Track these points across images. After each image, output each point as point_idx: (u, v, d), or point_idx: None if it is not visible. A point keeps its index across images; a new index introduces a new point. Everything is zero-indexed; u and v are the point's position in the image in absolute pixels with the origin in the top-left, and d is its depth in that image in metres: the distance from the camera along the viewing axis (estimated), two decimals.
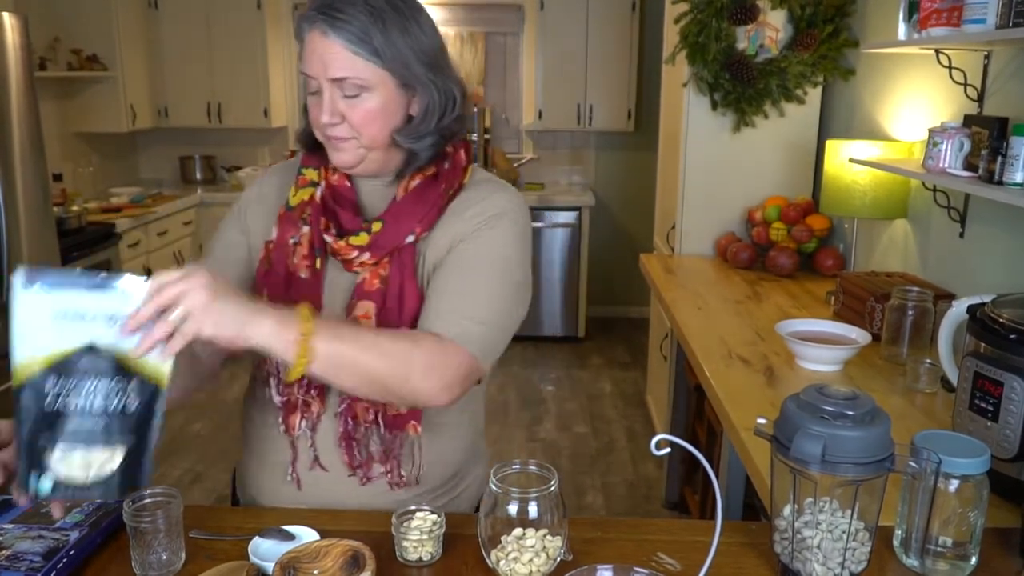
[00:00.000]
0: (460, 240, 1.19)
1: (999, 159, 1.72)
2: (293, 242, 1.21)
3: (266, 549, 1.06)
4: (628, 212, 5.58)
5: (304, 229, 1.21)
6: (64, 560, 1.04)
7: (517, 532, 1.02)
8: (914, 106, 2.45)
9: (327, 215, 1.21)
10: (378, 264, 1.18)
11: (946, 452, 1.02)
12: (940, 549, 1.06)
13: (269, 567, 0.98)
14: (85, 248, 3.81)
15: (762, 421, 1.05)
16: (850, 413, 0.98)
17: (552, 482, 1.02)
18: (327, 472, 1.23)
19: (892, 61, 2.58)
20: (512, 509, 1.02)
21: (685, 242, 3.21)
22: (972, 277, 2.09)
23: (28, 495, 0.93)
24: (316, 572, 0.97)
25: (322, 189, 1.23)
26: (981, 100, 2.06)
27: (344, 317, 1.17)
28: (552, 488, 1.02)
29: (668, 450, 0.96)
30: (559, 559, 1.04)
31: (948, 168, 1.95)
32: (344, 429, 1.20)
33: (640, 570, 0.92)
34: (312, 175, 1.25)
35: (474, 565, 1.07)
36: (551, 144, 5.54)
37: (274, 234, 1.23)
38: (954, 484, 1.04)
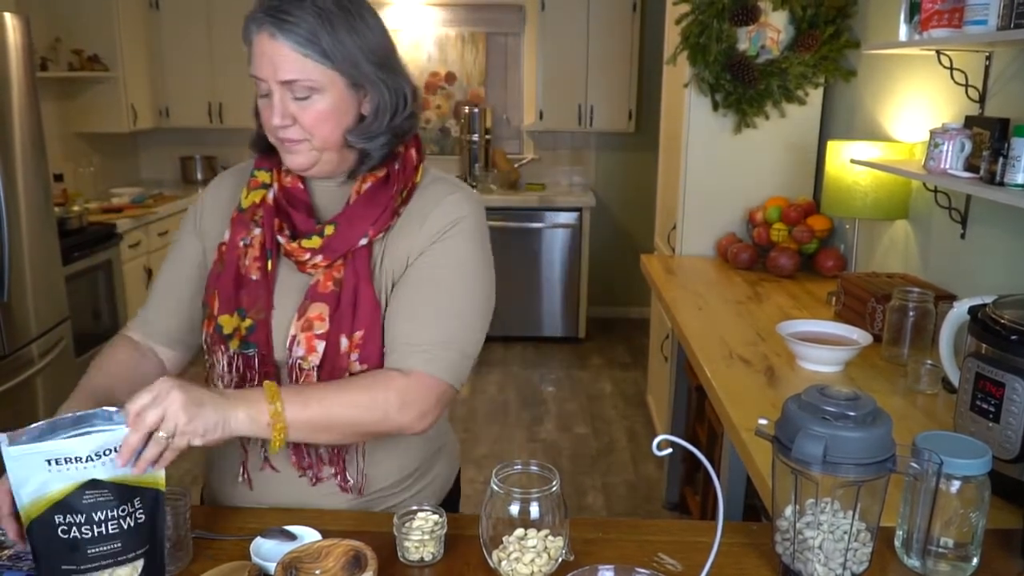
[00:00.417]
0: (419, 253, 1.20)
1: (1000, 160, 1.72)
2: (244, 244, 1.22)
3: (268, 549, 1.06)
4: (629, 213, 5.58)
5: (255, 231, 1.22)
6: None
7: (519, 532, 1.02)
8: (915, 107, 2.45)
9: (280, 216, 1.21)
10: (331, 266, 1.18)
11: (947, 453, 1.02)
12: (941, 550, 1.06)
13: (271, 567, 0.98)
14: (86, 249, 3.81)
15: (763, 422, 1.05)
16: (851, 414, 0.98)
17: (554, 483, 1.02)
18: (278, 472, 1.24)
19: (893, 62, 2.58)
20: (514, 509, 1.02)
21: (686, 242, 3.21)
22: (973, 278, 2.09)
23: None
24: (318, 572, 0.97)
25: (275, 191, 1.23)
26: (982, 101, 2.06)
27: (296, 318, 1.18)
28: (554, 488, 1.02)
29: (670, 450, 0.96)
30: (560, 559, 1.04)
31: (949, 169, 1.95)
32: None
33: (641, 571, 0.92)
34: (264, 177, 1.25)
35: (476, 565, 1.07)
36: (552, 144, 5.54)
37: (227, 236, 1.24)
38: (955, 485, 1.04)
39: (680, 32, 2.95)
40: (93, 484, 0.91)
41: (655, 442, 0.96)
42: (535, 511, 1.02)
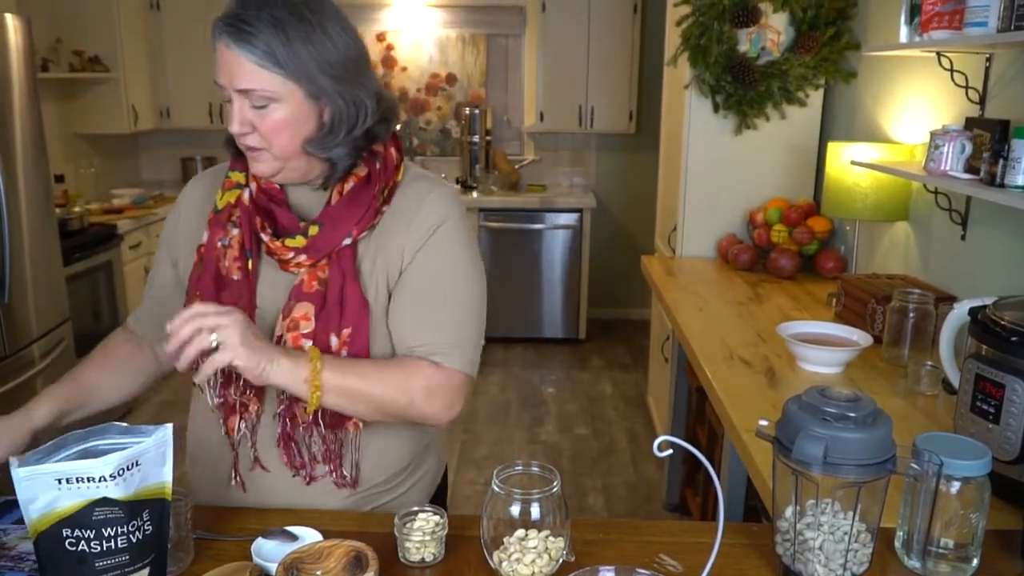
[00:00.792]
0: (411, 255, 1.21)
1: (1000, 162, 1.72)
2: (222, 244, 1.22)
3: (269, 550, 1.06)
4: (629, 214, 5.58)
5: (233, 231, 1.22)
6: None
7: (519, 533, 1.02)
8: (915, 109, 2.45)
9: (261, 215, 1.22)
10: (316, 266, 1.19)
11: (947, 454, 1.02)
12: (942, 551, 1.06)
13: (272, 568, 0.98)
14: (87, 249, 3.81)
15: (764, 423, 1.05)
16: (852, 415, 0.98)
17: (554, 483, 1.03)
18: (270, 473, 1.24)
19: (893, 64, 2.58)
20: (515, 510, 1.02)
21: (686, 244, 3.21)
22: (973, 279, 2.10)
23: None
24: (319, 573, 0.98)
25: (252, 191, 1.23)
26: (982, 103, 2.06)
27: (281, 318, 1.19)
28: (554, 489, 1.02)
29: (670, 451, 0.96)
30: (561, 560, 1.04)
31: (949, 171, 1.96)
32: (283, 430, 1.21)
33: (642, 571, 0.92)
34: (238, 177, 1.25)
35: (477, 566, 1.07)
36: (552, 146, 5.54)
37: (204, 238, 1.25)
38: (955, 486, 1.04)
39: (681, 34, 2.95)
40: (104, 502, 0.91)
41: (656, 443, 0.97)
42: (536, 512, 1.02)
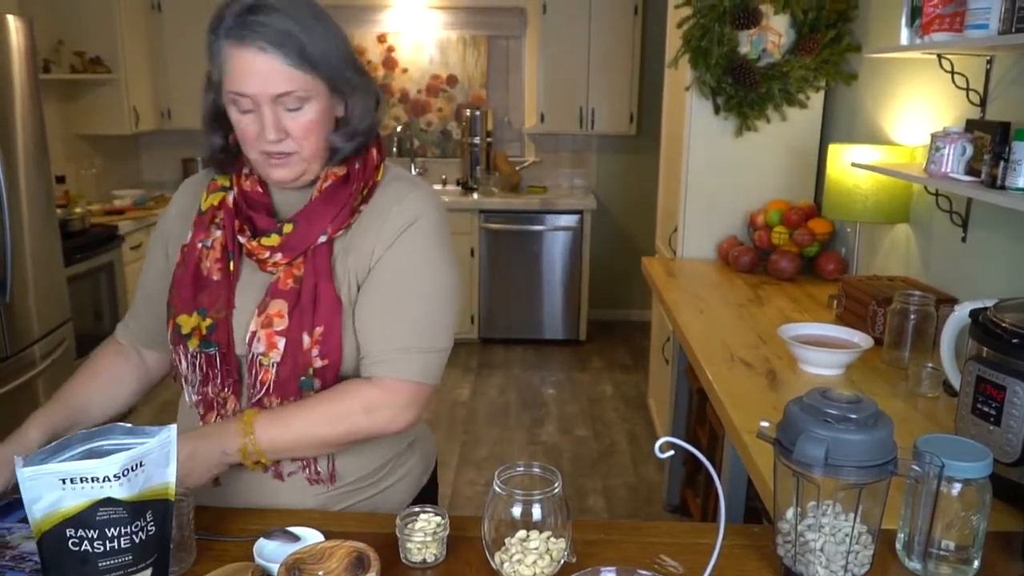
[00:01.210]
0: (384, 251, 1.21)
1: (1001, 164, 1.72)
2: (203, 246, 1.24)
3: (271, 550, 1.06)
4: (630, 215, 5.58)
5: (216, 233, 1.23)
6: None
7: (521, 534, 1.03)
8: (916, 111, 2.46)
9: (240, 218, 1.22)
10: (292, 264, 1.20)
11: (949, 456, 1.02)
12: (943, 553, 1.06)
13: (274, 568, 0.98)
14: (88, 250, 3.81)
15: (765, 424, 1.05)
16: (853, 417, 0.98)
17: (556, 484, 1.03)
18: (241, 468, 1.23)
19: (894, 66, 2.58)
20: (516, 511, 1.02)
21: (687, 245, 3.21)
22: (974, 282, 2.10)
23: None
24: (321, 573, 0.98)
25: (234, 194, 1.24)
26: (983, 105, 2.06)
27: (256, 315, 1.19)
28: (556, 490, 1.02)
29: (672, 452, 0.96)
30: (562, 561, 1.04)
31: (950, 173, 1.96)
32: None
33: (643, 572, 0.93)
34: (223, 180, 1.27)
35: (478, 567, 1.07)
36: (553, 147, 5.55)
37: (189, 237, 1.26)
38: (957, 488, 1.04)
39: (681, 35, 2.96)
40: (108, 502, 0.91)
41: (658, 444, 0.97)
42: (537, 513, 1.02)
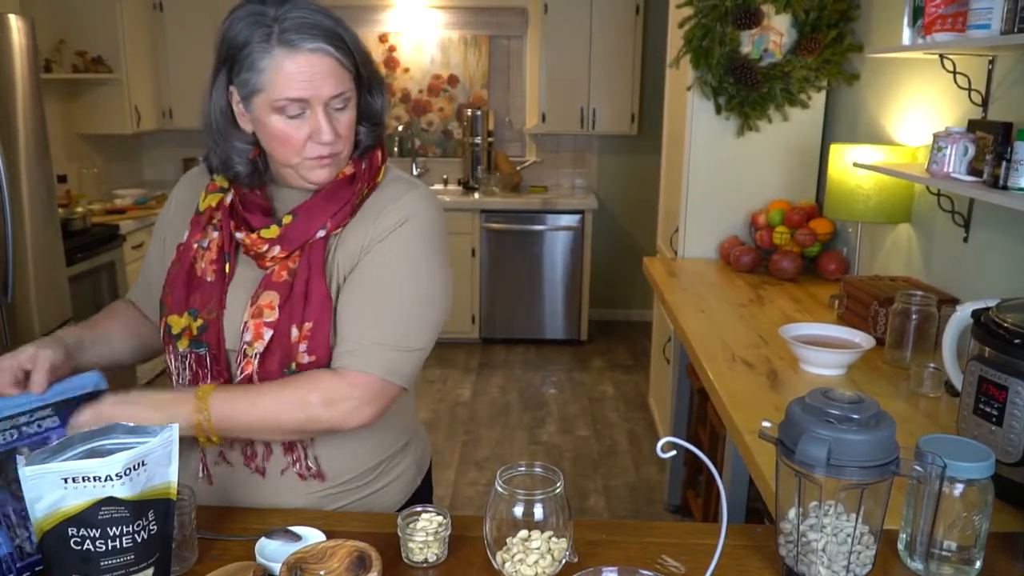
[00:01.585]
0: (370, 247, 1.21)
1: (1004, 164, 1.72)
2: (199, 246, 1.24)
3: (272, 550, 1.06)
4: (631, 215, 5.58)
5: (213, 234, 1.23)
6: None
7: (523, 534, 1.03)
8: (918, 111, 2.45)
9: (236, 219, 1.23)
10: (288, 258, 1.20)
11: (951, 456, 1.02)
12: (945, 553, 1.06)
13: (276, 567, 0.98)
14: (89, 250, 3.81)
15: (767, 424, 1.05)
16: (855, 417, 0.98)
17: (558, 484, 1.03)
18: (232, 467, 1.24)
19: (896, 66, 2.58)
20: (518, 511, 1.02)
21: (688, 245, 3.21)
22: (976, 282, 2.10)
23: None
24: (322, 573, 0.98)
25: (232, 195, 1.25)
26: (985, 105, 2.06)
27: (248, 304, 1.19)
28: (558, 490, 1.02)
29: (674, 452, 0.96)
30: (564, 561, 1.04)
31: (952, 173, 1.96)
32: None
33: (645, 572, 0.93)
34: (222, 181, 1.26)
35: (480, 567, 1.07)
36: (554, 147, 5.55)
37: (186, 236, 1.26)
38: (959, 488, 1.04)
39: (683, 35, 2.95)
40: (110, 501, 0.91)
41: (660, 444, 0.97)
42: (539, 512, 1.02)
